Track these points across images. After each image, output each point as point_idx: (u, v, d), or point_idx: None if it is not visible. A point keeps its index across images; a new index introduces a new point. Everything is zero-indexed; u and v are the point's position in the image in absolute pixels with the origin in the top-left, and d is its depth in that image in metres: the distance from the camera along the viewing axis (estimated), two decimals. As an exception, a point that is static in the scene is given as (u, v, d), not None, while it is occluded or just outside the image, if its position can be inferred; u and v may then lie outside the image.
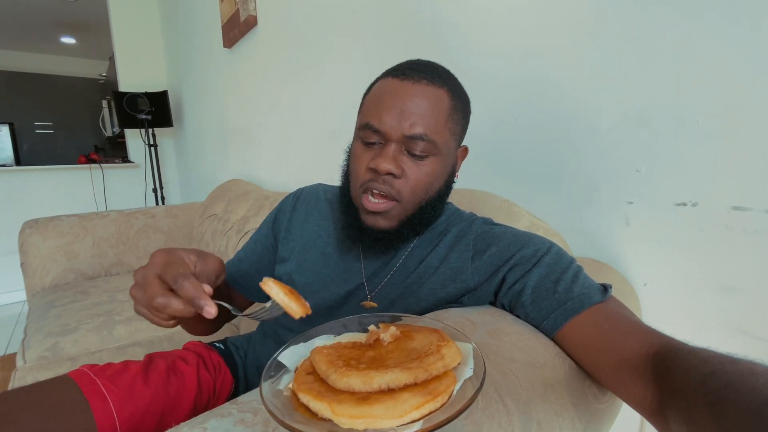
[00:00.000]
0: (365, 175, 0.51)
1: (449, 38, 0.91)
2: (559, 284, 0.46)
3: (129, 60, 3.14)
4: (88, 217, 1.69)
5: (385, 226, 0.52)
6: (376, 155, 0.50)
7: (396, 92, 0.49)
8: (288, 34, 1.54)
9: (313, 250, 0.62)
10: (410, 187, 0.50)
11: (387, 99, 0.49)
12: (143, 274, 0.40)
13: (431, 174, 0.51)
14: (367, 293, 0.58)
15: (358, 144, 0.53)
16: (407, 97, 0.48)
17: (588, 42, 0.68)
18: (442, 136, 0.50)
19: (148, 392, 0.53)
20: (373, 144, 0.51)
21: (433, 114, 0.49)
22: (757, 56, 0.51)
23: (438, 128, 0.49)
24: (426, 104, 0.49)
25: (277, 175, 1.80)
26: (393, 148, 0.49)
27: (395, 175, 0.49)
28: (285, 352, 0.38)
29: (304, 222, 0.65)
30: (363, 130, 0.51)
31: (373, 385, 0.28)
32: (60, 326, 1.13)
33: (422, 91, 0.49)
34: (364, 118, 0.52)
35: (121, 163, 3.30)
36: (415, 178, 0.50)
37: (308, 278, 0.61)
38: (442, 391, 0.28)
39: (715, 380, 0.28)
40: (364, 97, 0.56)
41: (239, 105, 2.06)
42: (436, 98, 0.49)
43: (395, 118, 0.48)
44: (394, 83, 0.50)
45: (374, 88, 0.53)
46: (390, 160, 0.48)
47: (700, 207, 0.58)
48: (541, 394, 0.35)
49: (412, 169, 0.50)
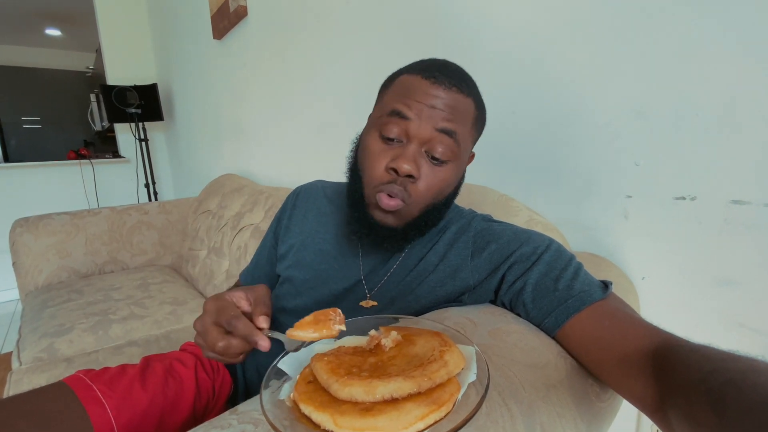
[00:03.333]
0: (384, 175, 0.49)
1: (446, 29, 0.90)
2: (559, 282, 0.46)
3: (116, 52, 3.07)
4: (79, 214, 1.67)
5: (393, 224, 0.51)
6: (397, 155, 0.48)
7: (428, 93, 0.47)
8: (279, 25, 1.51)
9: (312, 246, 0.62)
10: (421, 190, 0.49)
11: (418, 94, 0.48)
12: (201, 324, 0.43)
13: (445, 180, 0.50)
14: (366, 291, 0.57)
15: (375, 139, 0.50)
16: (440, 100, 0.47)
17: (586, 35, 0.66)
18: (465, 140, 0.50)
19: (145, 396, 0.53)
20: (392, 141, 0.49)
21: (461, 122, 0.49)
22: (756, 49, 0.50)
23: (464, 136, 0.49)
24: (457, 111, 0.48)
25: (271, 169, 1.78)
26: (413, 148, 0.48)
27: (413, 177, 0.48)
28: (285, 358, 0.37)
29: (302, 219, 0.65)
30: (387, 117, 0.49)
31: (376, 395, 0.27)
32: (55, 327, 1.12)
33: (454, 98, 0.48)
34: (388, 105, 0.49)
35: (112, 158, 3.25)
36: (428, 182, 0.49)
37: (306, 275, 0.60)
38: (446, 399, 0.27)
39: (717, 377, 0.28)
40: (385, 88, 0.53)
41: (231, 97, 2.02)
42: (465, 107, 0.49)
43: (426, 111, 0.47)
44: (425, 84, 0.48)
45: (399, 81, 0.51)
46: (411, 162, 0.47)
47: (699, 201, 0.57)
48: (544, 396, 0.35)
49: (428, 174, 0.49)
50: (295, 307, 0.61)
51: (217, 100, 2.19)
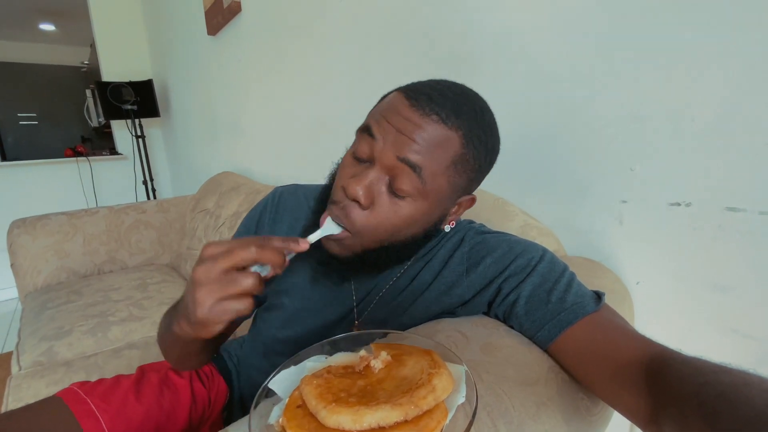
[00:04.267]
0: (337, 192, 0.45)
1: (441, 31, 0.88)
2: (552, 294, 0.46)
3: (111, 48, 3.04)
4: (76, 214, 1.67)
5: (337, 252, 0.46)
6: (355, 173, 0.43)
7: (401, 114, 0.42)
8: (273, 21, 1.49)
9: (302, 270, 0.57)
10: (373, 223, 0.43)
11: (392, 114, 0.43)
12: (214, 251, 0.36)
13: (404, 218, 0.44)
14: (354, 318, 0.55)
15: (348, 154, 0.47)
16: (411, 125, 0.41)
17: (582, 39, 0.66)
18: (435, 182, 0.43)
19: (141, 409, 0.53)
20: (361, 162, 0.44)
21: (434, 156, 0.42)
22: (752, 55, 0.49)
23: (434, 172, 0.42)
24: (430, 144, 0.41)
25: (268, 167, 1.77)
26: (374, 174, 0.43)
27: (361, 205, 0.43)
28: (276, 378, 0.37)
29: (288, 233, 0.58)
30: (359, 132, 0.45)
31: (363, 424, 0.27)
32: (54, 329, 1.12)
33: (430, 128, 0.41)
34: (366, 119, 0.46)
35: (109, 155, 3.24)
36: (383, 215, 0.43)
37: (298, 303, 0.57)
38: (433, 427, 0.28)
39: (709, 390, 0.28)
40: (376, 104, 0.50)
41: (226, 94, 2.01)
42: (442, 140, 0.42)
43: (393, 134, 0.42)
44: (403, 104, 0.42)
45: (385, 100, 0.47)
46: (363, 186, 0.42)
47: (693, 207, 0.57)
48: (534, 414, 0.35)
49: (383, 206, 0.43)
50: (287, 338, 0.58)
51: (212, 97, 2.18)
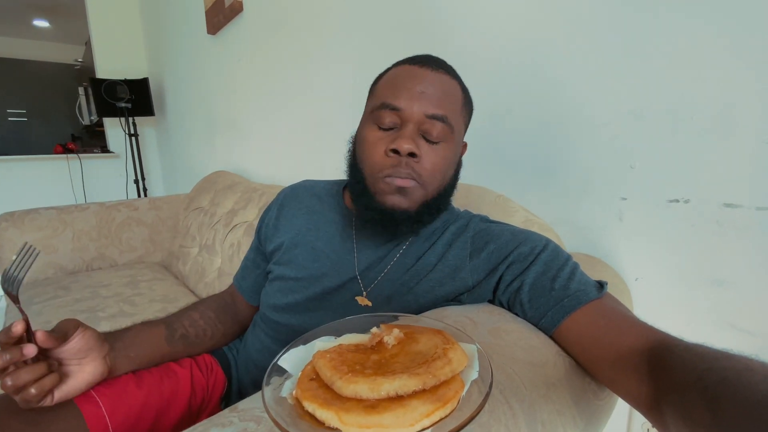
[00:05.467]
0: (385, 159, 0.49)
1: (443, 28, 0.90)
2: (555, 281, 0.46)
3: (106, 45, 3.01)
4: (66, 209, 1.63)
5: (406, 206, 0.51)
6: (394, 137, 0.49)
7: (416, 76, 0.50)
8: (275, 21, 1.50)
9: (303, 244, 0.61)
10: (428, 168, 0.50)
11: (406, 81, 0.50)
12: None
13: (446, 158, 0.51)
14: (361, 288, 0.57)
15: (370, 129, 0.51)
16: (428, 81, 0.49)
17: (583, 36, 0.67)
18: (457, 122, 0.51)
19: (140, 394, 0.52)
20: (388, 129, 0.50)
21: (451, 100, 0.50)
22: (751, 53, 0.51)
23: (455, 114, 0.51)
24: (446, 90, 0.50)
25: (265, 166, 1.76)
26: (411, 129, 0.49)
27: (416, 156, 0.49)
28: (285, 356, 0.37)
29: (292, 218, 0.64)
30: (378, 110, 0.50)
31: (381, 392, 0.27)
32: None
33: (440, 78, 0.50)
34: (378, 99, 0.51)
35: (100, 153, 3.19)
36: (431, 161, 0.50)
37: (298, 273, 0.60)
38: (451, 397, 0.27)
39: (711, 376, 0.28)
40: (375, 84, 0.55)
41: (225, 94, 2.00)
42: (452, 87, 0.51)
43: (416, 97, 0.48)
44: (413, 69, 0.50)
45: (388, 75, 0.53)
46: (410, 141, 0.48)
47: (692, 203, 0.58)
48: (544, 394, 0.36)
49: (429, 153, 0.49)
50: (286, 304, 0.60)
51: (210, 96, 2.17)
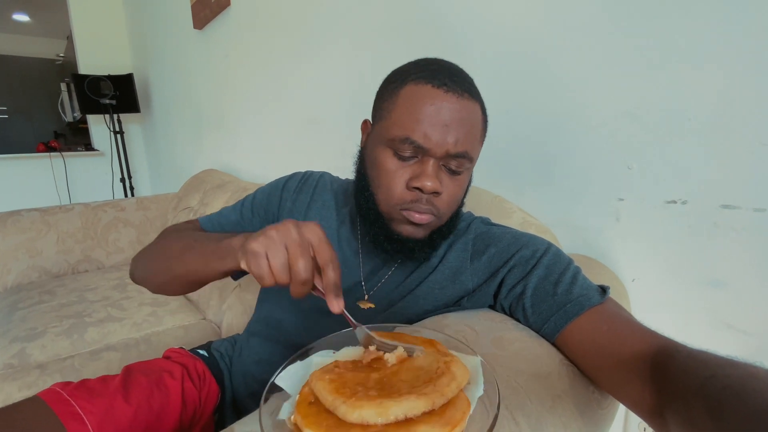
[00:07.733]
0: (406, 194, 0.48)
1: (440, 26, 0.88)
2: (558, 286, 0.46)
3: (89, 40, 2.93)
4: (50, 210, 1.59)
5: (421, 236, 0.51)
6: (417, 174, 0.47)
7: (441, 107, 0.45)
8: (264, 16, 1.46)
9: None
10: (447, 202, 0.49)
11: (430, 112, 0.45)
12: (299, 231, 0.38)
13: (462, 187, 0.51)
14: (364, 292, 0.56)
15: (389, 156, 0.48)
16: (454, 111, 0.46)
17: (582, 37, 0.66)
18: (476, 151, 0.50)
19: (129, 410, 0.50)
20: (409, 158, 0.48)
21: (473, 131, 0.48)
22: (749, 55, 0.51)
23: (475, 144, 0.49)
24: (471, 121, 0.47)
25: (255, 165, 1.73)
26: (433, 164, 0.47)
27: (438, 194, 0.48)
28: (282, 374, 0.35)
29: (307, 207, 0.63)
30: (400, 143, 0.46)
31: (389, 416, 0.26)
32: (26, 330, 1.06)
33: (465, 106, 0.46)
34: (401, 130, 0.46)
35: (85, 151, 3.12)
36: (450, 193, 0.49)
37: None
38: (459, 419, 0.26)
39: (715, 383, 0.27)
40: (389, 99, 0.49)
41: (213, 90, 1.96)
42: (475, 114, 0.48)
43: (440, 134, 0.45)
44: (437, 94, 0.46)
45: (406, 92, 0.47)
46: (434, 179, 0.46)
47: (689, 205, 0.58)
48: (550, 407, 0.35)
49: (449, 186, 0.49)
50: (291, 303, 0.59)
51: (197, 92, 2.12)
